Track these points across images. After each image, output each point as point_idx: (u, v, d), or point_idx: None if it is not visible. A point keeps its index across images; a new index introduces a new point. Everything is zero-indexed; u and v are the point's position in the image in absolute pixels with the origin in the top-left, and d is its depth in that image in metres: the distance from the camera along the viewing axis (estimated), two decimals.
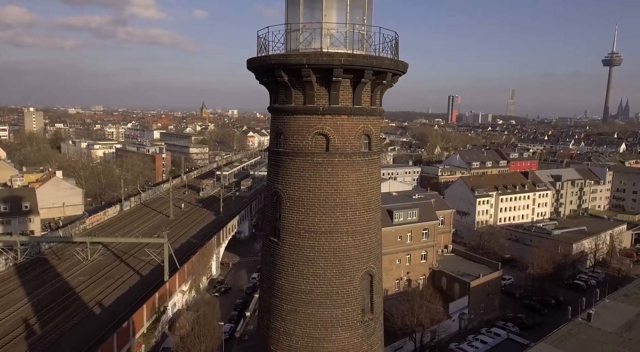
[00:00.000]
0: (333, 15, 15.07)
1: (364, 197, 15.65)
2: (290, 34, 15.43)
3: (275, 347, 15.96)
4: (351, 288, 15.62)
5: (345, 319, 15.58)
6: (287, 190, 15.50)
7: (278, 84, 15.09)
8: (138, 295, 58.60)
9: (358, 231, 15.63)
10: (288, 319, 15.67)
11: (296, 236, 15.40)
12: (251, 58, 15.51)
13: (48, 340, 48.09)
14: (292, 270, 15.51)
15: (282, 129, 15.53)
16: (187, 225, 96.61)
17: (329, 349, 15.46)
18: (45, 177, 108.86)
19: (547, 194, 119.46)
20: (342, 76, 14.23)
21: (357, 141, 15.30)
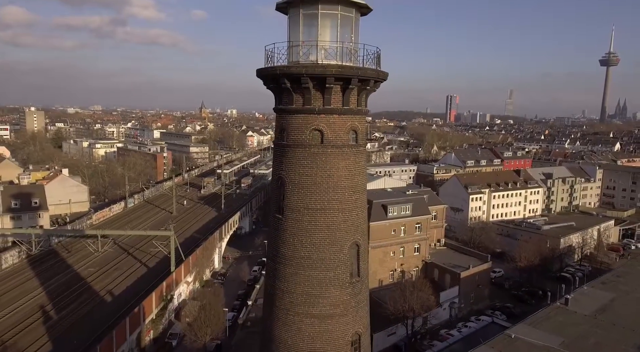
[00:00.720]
0: (327, 33, 18.67)
1: (351, 181, 19.25)
2: (292, 48, 19.03)
3: (279, 303, 19.57)
4: (341, 255, 19.22)
5: (337, 280, 19.18)
6: (289, 175, 19.09)
7: (282, 89, 18.67)
8: (147, 284, 62.21)
9: (347, 209, 19.22)
10: (290, 280, 19.27)
11: (297, 213, 19.00)
12: (260, 68, 19.11)
13: (65, 324, 51.65)
14: (294, 240, 19.10)
15: (285, 125, 19.13)
16: (190, 221, 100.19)
17: (323, 304, 19.07)
18: (52, 175, 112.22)
19: (538, 191, 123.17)
20: (333, 83, 17.83)
21: (346, 135, 18.91)
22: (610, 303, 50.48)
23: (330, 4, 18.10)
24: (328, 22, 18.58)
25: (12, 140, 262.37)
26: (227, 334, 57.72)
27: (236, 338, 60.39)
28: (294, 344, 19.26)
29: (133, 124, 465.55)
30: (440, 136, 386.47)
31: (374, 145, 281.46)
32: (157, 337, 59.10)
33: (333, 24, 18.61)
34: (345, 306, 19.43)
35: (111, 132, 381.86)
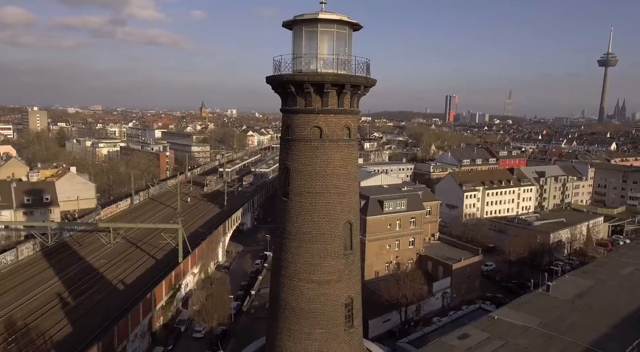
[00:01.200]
0: (324, 47, 22.58)
1: (345, 170, 23.16)
2: (295, 59, 22.95)
3: (285, 271, 23.46)
4: (337, 231, 23.13)
5: (333, 252, 23.09)
6: (294, 165, 22.99)
7: (288, 93, 22.56)
8: (156, 273, 66.09)
9: (341, 193, 23.13)
10: (294, 252, 23.17)
11: (300, 196, 22.89)
12: (269, 76, 23.01)
13: (81, 309, 55.46)
14: (297, 218, 23.00)
15: (290, 123, 23.03)
16: (194, 217, 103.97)
17: (321, 272, 22.97)
18: (60, 172, 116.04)
19: (531, 189, 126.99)
20: (330, 88, 21.73)
21: (341, 132, 22.82)
22: (588, 289, 54.33)
23: (327, 23, 22.02)
24: (326, 38, 22.50)
25: (18, 139, 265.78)
26: (232, 320, 61.53)
27: (241, 324, 64.21)
28: (297, 305, 23.17)
29: (134, 123, 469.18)
30: (439, 136, 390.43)
31: (372, 144, 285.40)
32: (166, 323, 62.89)
33: (330, 39, 22.54)
34: (340, 273, 23.34)
35: (113, 131, 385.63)
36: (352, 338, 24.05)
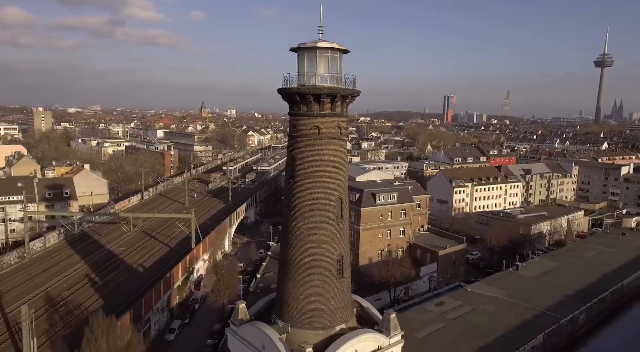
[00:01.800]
0: (321, 67, 30.27)
1: (337, 159, 30.84)
2: (300, 75, 30.64)
3: (292, 235, 31.14)
4: (330, 204, 30.80)
5: (328, 220, 30.76)
6: (298, 155, 30.65)
7: (294, 101, 30.23)
8: (173, 257, 73.81)
9: (333, 176, 30.80)
10: (299, 220, 30.85)
11: (303, 178, 30.57)
12: (280, 88, 30.64)
13: (109, 287, 63.11)
14: (301, 195, 30.68)
15: (295, 123, 30.73)
16: (201, 210, 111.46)
17: (319, 235, 30.62)
18: (75, 170, 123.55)
19: (517, 185, 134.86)
20: (325, 98, 29.41)
21: (333, 130, 30.50)
22: (553, 269, 62.25)
23: (323, 50, 29.80)
24: (322, 60, 30.25)
25: (26, 139, 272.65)
26: (241, 297, 69.22)
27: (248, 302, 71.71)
28: (301, 260, 30.88)
29: (136, 123, 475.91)
30: (435, 136, 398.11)
31: (370, 144, 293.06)
32: (182, 301, 70.62)
33: (325, 61, 30.30)
34: (333, 236, 31.05)
35: (115, 131, 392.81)
36: (342, 285, 31.75)
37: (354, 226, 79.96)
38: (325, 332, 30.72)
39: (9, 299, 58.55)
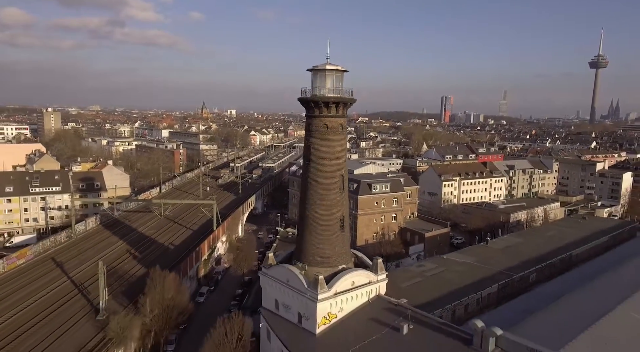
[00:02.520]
0: (329, 82, 43.17)
1: (339, 146, 43.74)
2: (314, 88, 43.53)
3: (308, 200, 43.94)
4: (334, 179, 43.68)
5: (333, 190, 43.62)
6: (313, 144, 43.51)
7: (310, 106, 43.08)
8: (198, 236, 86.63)
9: (337, 158, 43.67)
10: (313, 189, 43.69)
11: (316, 160, 43.43)
12: (300, 97, 43.44)
13: (148, 259, 75.79)
14: (315, 172, 43.53)
15: (310, 122, 43.62)
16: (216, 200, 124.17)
17: (327, 200, 43.42)
18: (100, 165, 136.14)
19: (502, 180, 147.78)
20: (332, 104, 42.30)
21: (337, 127, 43.40)
22: (516, 244, 75.13)
23: (330, 71, 42.70)
24: (329, 78, 43.14)
25: (43, 138, 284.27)
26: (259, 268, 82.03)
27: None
28: (314, 217, 43.68)
29: (140, 124, 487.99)
30: (431, 135, 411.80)
31: (368, 143, 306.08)
32: (206, 273, 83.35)
33: (331, 78, 43.18)
34: (337, 202, 43.89)
35: (121, 131, 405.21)
36: (344, 237, 44.57)
37: (352, 211, 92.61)
38: (331, 269, 43.49)
39: (68, 267, 71.29)
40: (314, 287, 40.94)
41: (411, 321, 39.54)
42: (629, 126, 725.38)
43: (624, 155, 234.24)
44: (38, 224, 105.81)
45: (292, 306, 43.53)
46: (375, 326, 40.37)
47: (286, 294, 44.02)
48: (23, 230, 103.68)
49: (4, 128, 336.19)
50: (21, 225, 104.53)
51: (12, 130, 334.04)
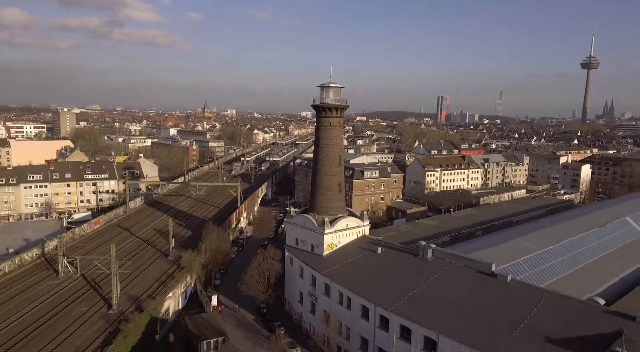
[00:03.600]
0: (331, 94, 66.70)
1: (339, 136, 67.35)
2: (321, 98, 67.00)
3: (317, 172, 67.34)
4: (335, 157, 67.17)
5: (334, 164, 67.09)
6: (321, 135, 66.98)
7: (319, 110, 66.50)
8: (227, 210, 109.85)
9: (336, 144, 67.16)
10: (320, 164, 67.15)
11: (322, 146, 66.87)
12: (313, 104, 66.87)
13: (194, 224, 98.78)
14: (322, 153, 66.97)
15: (319, 120, 67.13)
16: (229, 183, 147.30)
17: (331, 171, 66.81)
18: (133, 158, 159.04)
19: (478, 171, 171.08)
20: (333, 108, 65.75)
21: (337, 123, 66.97)
22: (473, 214, 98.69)
23: (332, 88, 66.24)
24: (331, 91, 66.69)
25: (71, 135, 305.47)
26: (274, 233, 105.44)
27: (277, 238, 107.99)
28: (322, 183, 67.07)
29: (147, 123, 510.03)
30: (424, 134, 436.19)
31: (365, 141, 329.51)
32: (234, 239, 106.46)
33: (333, 92, 66.73)
34: (336, 172, 67.39)
35: (131, 130, 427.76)
36: (341, 196, 67.79)
37: (348, 193, 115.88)
38: (332, 217, 66.64)
39: (134, 230, 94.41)
40: (322, 226, 64.26)
41: (383, 247, 62.83)
42: (617, 125, 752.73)
43: (596, 151, 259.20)
44: (90, 204, 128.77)
45: (307, 240, 66.82)
46: (360, 250, 63.67)
47: (303, 233, 67.32)
48: (79, 209, 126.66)
49: (24, 127, 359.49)
50: (77, 205, 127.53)
51: (31, 128, 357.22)
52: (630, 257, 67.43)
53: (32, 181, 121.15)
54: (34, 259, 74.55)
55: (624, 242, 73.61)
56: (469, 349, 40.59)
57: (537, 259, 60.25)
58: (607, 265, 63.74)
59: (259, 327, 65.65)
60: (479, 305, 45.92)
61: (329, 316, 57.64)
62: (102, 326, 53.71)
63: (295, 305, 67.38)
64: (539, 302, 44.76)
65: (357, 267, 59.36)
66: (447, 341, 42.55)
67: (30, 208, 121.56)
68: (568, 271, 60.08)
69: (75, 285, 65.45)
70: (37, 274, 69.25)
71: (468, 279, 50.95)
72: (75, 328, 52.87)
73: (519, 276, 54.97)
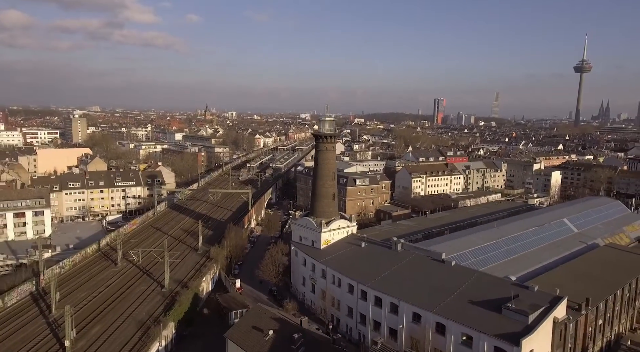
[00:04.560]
0: (327, 125, 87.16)
1: (332, 157, 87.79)
2: (319, 128, 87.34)
3: (315, 184, 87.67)
4: (330, 173, 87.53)
5: (329, 179, 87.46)
6: (319, 156, 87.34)
7: (318, 137, 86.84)
8: (240, 212, 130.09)
9: (331, 163, 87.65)
10: (318, 178, 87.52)
11: (320, 164, 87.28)
12: (313, 132, 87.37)
13: (214, 223, 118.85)
14: (320, 170, 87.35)
15: (318, 145, 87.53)
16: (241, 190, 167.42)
17: (327, 183, 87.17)
18: (153, 165, 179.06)
19: (460, 177, 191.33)
20: (329, 136, 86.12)
21: (331, 147, 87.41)
22: (445, 216, 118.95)
23: (328, 121, 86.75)
24: (327, 123, 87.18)
25: (86, 142, 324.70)
26: (280, 232, 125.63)
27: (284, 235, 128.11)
28: (319, 192, 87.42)
29: (152, 127, 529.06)
30: (419, 138, 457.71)
31: (361, 146, 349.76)
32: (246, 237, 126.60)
33: (328, 123, 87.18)
34: (331, 185, 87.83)
35: (138, 134, 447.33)
36: (335, 202, 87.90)
37: (342, 198, 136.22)
38: (327, 219, 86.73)
39: (166, 229, 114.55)
40: (320, 227, 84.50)
41: (366, 242, 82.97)
42: (607, 128, 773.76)
43: (574, 156, 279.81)
44: (120, 208, 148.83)
45: (308, 237, 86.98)
46: (348, 245, 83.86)
47: (305, 232, 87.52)
48: (110, 212, 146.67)
49: (38, 133, 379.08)
50: (109, 209, 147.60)
51: (45, 134, 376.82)
52: (556, 250, 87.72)
53: (72, 188, 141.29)
54: (94, 253, 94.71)
55: (557, 238, 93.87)
56: (417, 308, 60.89)
57: (480, 251, 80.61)
58: (536, 255, 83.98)
59: (272, 303, 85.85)
60: (429, 281, 66.17)
61: (324, 293, 77.86)
62: (160, 300, 73.82)
63: (300, 287, 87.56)
64: (469, 279, 65.03)
65: (346, 257, 79.59)
66: (404, 305, 62.75)
67: (70, 211, 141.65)
68: (503, 260, 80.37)
69: (132, 271, 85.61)
70: (99, 263, 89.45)
71: (424, 264, 71.28)
72: (141, 301, 73.00)
73: (463, 262, 75.18)
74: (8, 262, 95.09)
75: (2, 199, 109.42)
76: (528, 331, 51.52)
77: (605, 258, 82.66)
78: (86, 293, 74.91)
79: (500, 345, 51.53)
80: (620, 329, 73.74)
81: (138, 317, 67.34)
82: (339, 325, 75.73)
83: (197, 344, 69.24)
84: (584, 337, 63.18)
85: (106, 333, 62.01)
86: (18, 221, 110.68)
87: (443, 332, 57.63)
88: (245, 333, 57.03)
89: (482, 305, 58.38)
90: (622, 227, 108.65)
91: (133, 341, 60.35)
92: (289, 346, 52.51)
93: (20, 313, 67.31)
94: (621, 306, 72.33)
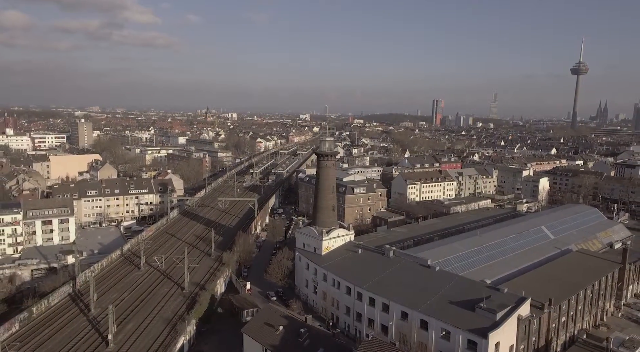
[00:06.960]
0: (327, 145, 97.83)
1: (332, 173, 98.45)
2: (321, 147, 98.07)
3: (317, 197, 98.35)
4: (330, 187, 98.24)
5: (330, 192, 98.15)
6: (320, 172, 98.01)
7: (319, 155, 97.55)
8: (247, 218, 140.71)
9: (331, 178, 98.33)
10: (320, 191, 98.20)
11: (321, 179, 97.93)
12: (314, 151, 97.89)
13: (224, 228, 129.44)
14: (322, 184, 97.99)
15: (319, 162, 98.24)
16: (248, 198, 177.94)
17: (327, 197, 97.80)
18: (163, 173, 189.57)
19: (453, 183, 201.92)
20: (329, 154, 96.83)
21: (331, 164, 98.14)
22: (436, 222, 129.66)
23: (328, 141, 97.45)
24: (327, 143, 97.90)
25: (93, 146, 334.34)
26: (284, 237, 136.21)
27: (288, 239, 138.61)
28: (321, 205, 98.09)
29: (155, 130, 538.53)
30: (416, 141, 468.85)
31: (359, 150, 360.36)
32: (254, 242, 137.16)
33: (328, 143, 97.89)
34: (331, 198, 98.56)
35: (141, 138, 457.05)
36: (335, 213, 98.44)
37: (341, 205, 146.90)
38: (328, 228, 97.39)
39: (180, 235, 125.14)
40: (321, 235, 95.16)
41: (362, 249, 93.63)
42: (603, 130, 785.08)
43: (564, 161, 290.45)
44: (134, 214, 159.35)
45: (311, 244, 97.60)
46: (346, 251, 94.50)
47: (308, 239, 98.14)
48: (125, 218, 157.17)
49: (45, 137, 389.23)
50: (124, 215, 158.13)
51: (52, 139, 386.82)
52: (532, 255, 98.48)
53: (90, 196, 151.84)
54: (118, 258, 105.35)
55: (533, 245, 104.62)
56: (405, 308, 71.59)
57: (463, 256, 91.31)
58: (513, 260, 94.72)
59: (278, 303, 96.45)
60: (416, 284, 76.83)
61: (325, 294, 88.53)
62: (182, 300, 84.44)
63: (303, 289, 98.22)
64: (450, 282, 75.72)
65: (344, 262, 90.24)
66: (394, 304, 73.43)
67: (88, 217, 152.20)
68: (483, 265, 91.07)
69: (154, 275, 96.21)
70: (124, 267, 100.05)
71: (412, 269, 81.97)
72: (166, 301, 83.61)
73: (447, 267, 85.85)
74: (41, 266, 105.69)
75: (32, 208, 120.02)
76: (495, 326, 62.21)
77: (574, 262, 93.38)
78: (117, 294, 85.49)
79: (472, 338, 62.19)
80: (583, 325, 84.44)
81: (164, 315, 77.92)
82: (338, 322, 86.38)
83: (214, 339, 79.91)
84: (547, 332, 73.89)
85: (139, 329, 72.61)
86: (45, 228, 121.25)
87: (426, 327, 68.25)
88: (258, 328, 67.65)
89: (459, 305, 68.99)
90: (595, 233, 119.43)
91: (163, 335, 70.94)
92: (296, 339, 63.12)
93: (64, 312, 77.88)
94: (584, 305, 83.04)
